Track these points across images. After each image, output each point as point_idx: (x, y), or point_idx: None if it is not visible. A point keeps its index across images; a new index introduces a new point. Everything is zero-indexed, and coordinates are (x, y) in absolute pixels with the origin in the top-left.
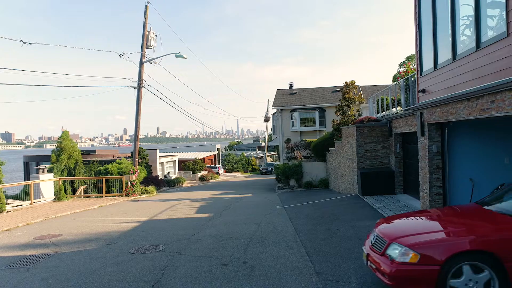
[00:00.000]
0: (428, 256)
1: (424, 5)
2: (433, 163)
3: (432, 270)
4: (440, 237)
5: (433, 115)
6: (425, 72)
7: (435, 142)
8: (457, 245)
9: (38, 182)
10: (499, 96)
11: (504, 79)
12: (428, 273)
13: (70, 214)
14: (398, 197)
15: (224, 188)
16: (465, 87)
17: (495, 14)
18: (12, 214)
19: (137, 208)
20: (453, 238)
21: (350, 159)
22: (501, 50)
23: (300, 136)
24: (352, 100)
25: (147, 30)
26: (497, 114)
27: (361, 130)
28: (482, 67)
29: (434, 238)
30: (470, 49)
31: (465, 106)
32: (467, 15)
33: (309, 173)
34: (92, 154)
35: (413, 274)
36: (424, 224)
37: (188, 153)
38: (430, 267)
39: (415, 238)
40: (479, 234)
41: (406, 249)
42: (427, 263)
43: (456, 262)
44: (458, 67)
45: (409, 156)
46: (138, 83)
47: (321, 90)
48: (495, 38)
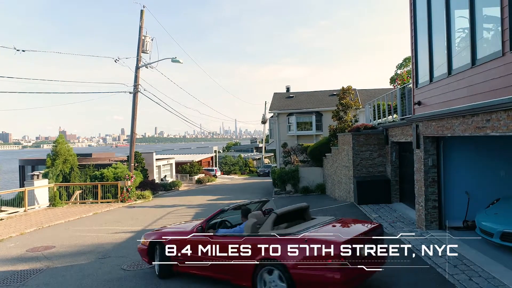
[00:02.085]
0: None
1: (420, 17)
2: (428, 176)
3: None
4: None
5: (429, 129)
6: (421, 85)
7: (430, 155)
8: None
9: (33, 189)
10: (494, 115)
11: (499, 98)
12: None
13: (64, 222)
14: (394, 206)
15: (220, 193)
16: (461, 103)
17: (491, 28)
18: (6, 222)
19: (132, 216)
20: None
21: (346, 166)
22: (496, 69)
23: (297, 140)
24: (349, 105)
25: (143, 35)
26: (492, 133)
27: (358, 138)
28: (478, 84)
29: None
30: (465, 65)
31: (460, 123)
32: (463, 28)
33: (305, 178)
34: (88, 158)
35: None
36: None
37: (185, 155)
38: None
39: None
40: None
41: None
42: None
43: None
44: (453, 82)
45: (405, 164)
46: (134, 88)
47: (318, 93)
48: (491, 56)
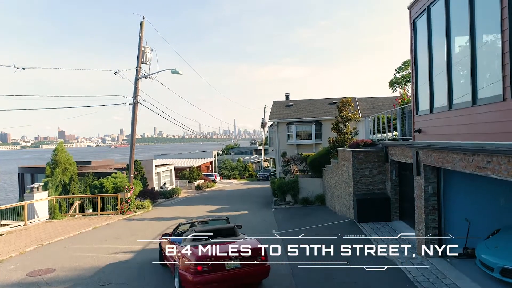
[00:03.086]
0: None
1: (421, 46)
2: (429, 204)
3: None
4: None
5: (429, 158)
6: (421, 113)
7: (431, 183)
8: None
9: (32, 202)
10: (495, 158)
11: (500, 143)
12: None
13: (64, 239)
14: (394, 224)
15: (219, 201)
16: (461, 139)
17: (493, 70)
18: (5, 238)
19: (131, 231)
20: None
21: (346, 182)
22: (498, 112)
23: (297, 149)
24: (349, 118)
25: (143, 46)
26: (493, 176)
27: (357, 155)
28: (479, 124)
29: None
30: (466, 102)
31: (461, 158)
32: (464, 65)
33: (305, 189)
34: (87, 166)
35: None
36: None
37: (184, 160)
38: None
39: None
40: None
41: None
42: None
43: None
44: (454, 117)
45: (405, 183)
46: (133, 99)
47: (318, 102)
48: (492, 98)
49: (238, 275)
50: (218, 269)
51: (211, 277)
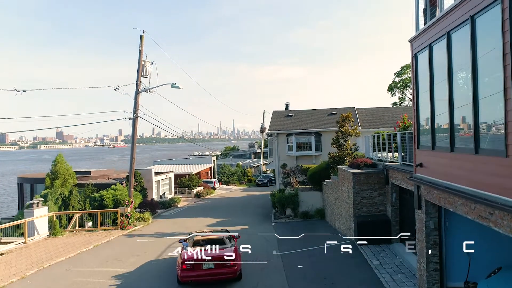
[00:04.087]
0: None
1: (422, 81)
2: (430, 239)
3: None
4: None
5: (431, 195)
6: (423, 147)
7: (432, 218)
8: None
9: (32, 220)
10: (498, 212)
11: (504, 198)
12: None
13: (65, 259)
14: (395, 248)
15: (219, 213)
16: (464, 183)
17: (496, 124)
18: (6, 258)
19: (132, 250)
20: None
21: (346, 202)
22: (501, 167)
23: (296, 160)
24: (349, 133)
25: (143, 59)
26: (495, 228)
27: (358, 176)
28: (482, 173)
29: None
30: (469, 149)
31: (463, 203)
32: (466, 111)
33: (305, 202)
34: (86, 176)
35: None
36: None
37: (184, 166)
38: None
39: None
40: None
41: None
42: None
43: None
44: (456, 161)
45: (406, 206)
46: (133, 113)
47: (317, 112)
48: (495, 152)
49: (211, 273)
50: (197, 268)
51: (191, 273)
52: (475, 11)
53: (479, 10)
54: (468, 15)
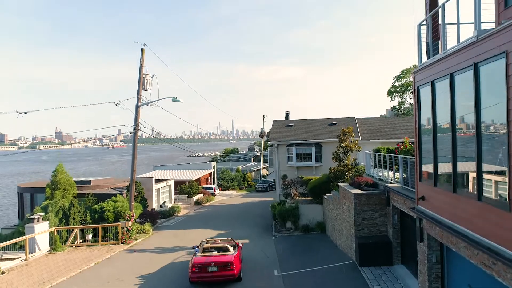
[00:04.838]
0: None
1: (424, 114)
2: (432, 272)
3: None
4: None
5: (433, 230)
6: (424, 182)
7: (434, 251)
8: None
9: (33, 236)
10: (500, 263)
11: (507, 251)
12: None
13: (66, 279)
14: (396, 270)
15: (219, 224)
16: (467, 226)
17: (499, 177)
18: (7, 277)
19: (133, 268)
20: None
21: (347, 221)
22: (505, 220)
23: (297, 171)
24: (349, 149)
25: (143, 73)
26: (499, 279)
27: (359, 197)
28: (485, 221)
29: None
30: (472, 194)
31: (466, 246)
32: (470, 146)
33: (305, 215)
34: (87, 186)
35: None
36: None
37: (184, 172)
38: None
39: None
40: None
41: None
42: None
43: None
44: (459, 202)
45: (407, 228)
46: (134, 127)
47: (317, 122)
48: (498, 203)
49: (215, 275)
50: (203, 270)
51: (199, 274)
52: (478, 59)
53: (482, 59)
54: (472, 62)
